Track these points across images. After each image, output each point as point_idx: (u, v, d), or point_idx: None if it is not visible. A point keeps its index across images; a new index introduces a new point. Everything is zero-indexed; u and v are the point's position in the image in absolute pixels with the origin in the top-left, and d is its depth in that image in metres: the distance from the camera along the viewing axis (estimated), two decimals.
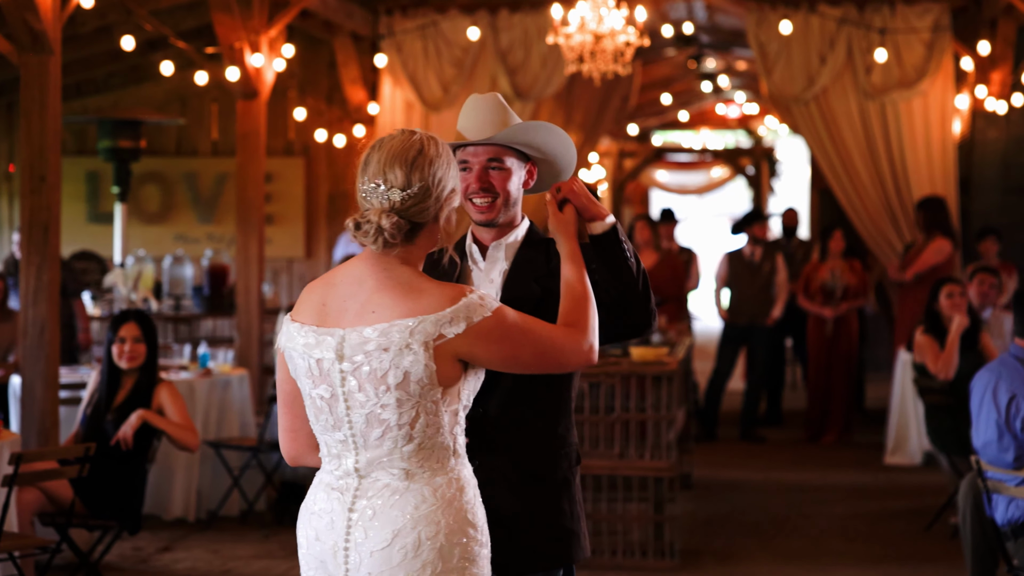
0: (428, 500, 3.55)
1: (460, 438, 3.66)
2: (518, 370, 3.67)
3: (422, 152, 3.59)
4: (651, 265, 13.08)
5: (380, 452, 3.57)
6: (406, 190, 3.56)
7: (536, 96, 13.54)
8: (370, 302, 3.57)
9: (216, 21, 11.36)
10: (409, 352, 3.51)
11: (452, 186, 3.64)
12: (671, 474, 8.62)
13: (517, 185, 4.23)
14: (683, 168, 25.25)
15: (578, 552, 4.24)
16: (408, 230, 3.58)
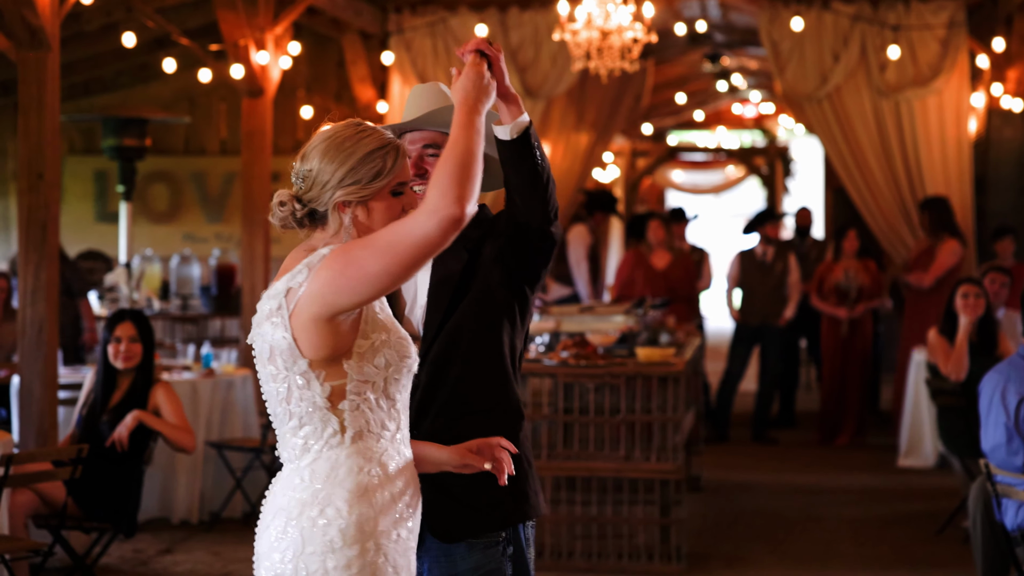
0: (304, 482, 3.46)
1: (355, 416, 3.48)
2: (379, 287, 3.36)
3: (328, 139, 3.55)
4: (665, 265, 12.95)
5: (281, 431, 3.54)
6: (298, 177, 3.55)
7: (546, 94, 13.41)
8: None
9: (221, 18, 11.26)
10: (271, 323, 3.45)
11: (349, 180, 3.51)
12: (678, 477, 8.48)
13: None
14: (698, 168, 25.11)
15: (526, 511, 4.12)
16: (306, 215, 3.55)
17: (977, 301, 9.36)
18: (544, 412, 8.56)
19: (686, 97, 20.06)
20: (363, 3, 13.31)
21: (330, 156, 3.51)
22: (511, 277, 4.09)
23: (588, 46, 10.19)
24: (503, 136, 3.88)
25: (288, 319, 3.41)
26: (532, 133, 3.89)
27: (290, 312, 3.41)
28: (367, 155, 3.51)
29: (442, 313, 4.09)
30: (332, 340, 3.42)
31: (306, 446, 3.47)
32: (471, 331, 4.08)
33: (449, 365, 4.08)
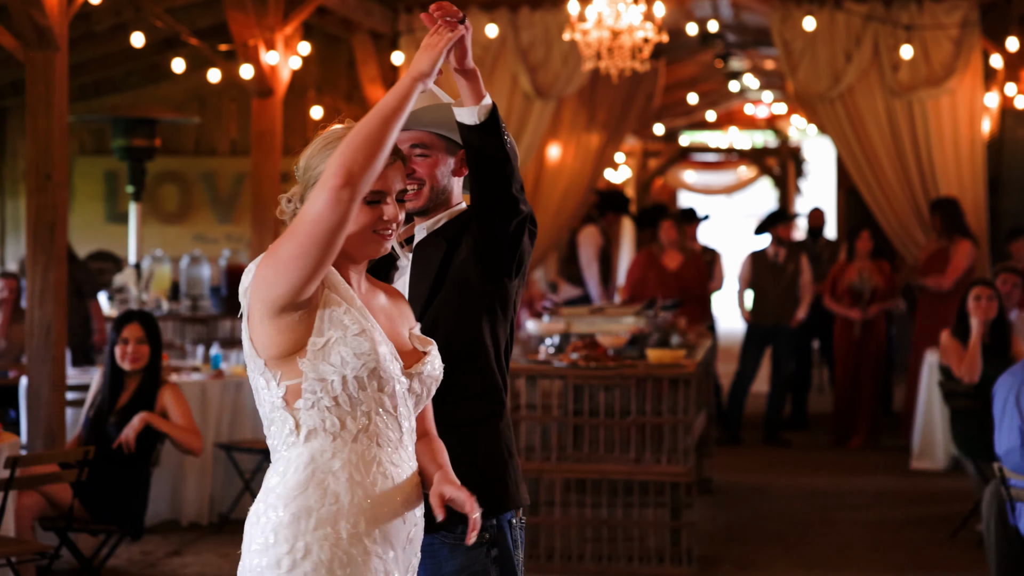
0: (270, 481, 3.44)
1: (309, 415, 3.41)
2: (297, 272, 3.27)
3: (323, 136, 3.53)
4: (676, 265, 12.88)
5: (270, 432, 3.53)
6: (297, 172, 3.53)
7: (557, 94, 13.34)
8: None
9: (230, 18, 11.23)
10: (242, 328, 3.45)
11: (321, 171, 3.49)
12: (689, 479, 8.41)
13: (446, 172, 4.13)
14: (710, 168, 25.04)
15: (505, 501, 4.03)
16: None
17: (990, 303, 9.28)
18: (554, 414, 8.51)
19: (698, 97, 19.98)
20: (373, 3, 13.27)
21: (320, 154, 3.48)
22: (487, 265, 4.04)
23: (599, 46, 10.12)
24: (469, 120, 3.82)
25: (246, 321, 3.40)
26: (498, 115, 3.85)
27: (247, 314, 3.40)
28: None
29: (421, 305, 4.05)
30: (283, 337, 3.37)
31: (274, 447, 3.46)
32: (448, 322, 4.03)
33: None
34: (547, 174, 15.08)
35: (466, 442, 4.01)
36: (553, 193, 15.05)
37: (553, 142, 15.09)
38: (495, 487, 4.02)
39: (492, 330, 4.10)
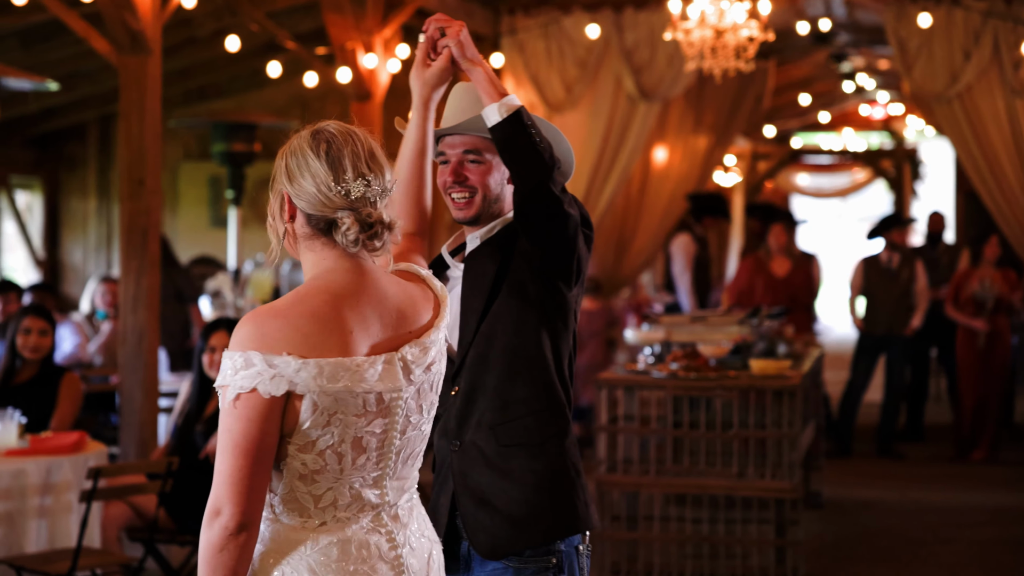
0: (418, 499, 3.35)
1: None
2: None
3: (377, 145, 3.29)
4: (785, 272, 12.54)
5: (410, 472, 3.23)
6: (389, 189, 3.17)
7: (663, 96, 13.05)
8: (406, 319, 3.17)
9: (328, 22, 11.09)
10: (441, 355, 3.25)
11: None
12: (794, 495, 8.09)
13: (499, 180, 3.94)
14: (823, 171, 24.60)
15: (575, 523, 3.84)
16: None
17: None
18: (653, 426, 8.24)
19: (811, 98, 19.60)
20: (475, 5, 13.07)
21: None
22: (543, 273, 3.85)
23: (701, 45, 9.83)
24: (492, 117, 3.68)
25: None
26: (522, 112, 3.68)
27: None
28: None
29: (477, 316, 3.85)
30: None
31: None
32: (506, 333, 3.84)
33: (487, 369, 3.85)
34: (653, 177, 14.88)
35: (532, 461, 3.82)
36: (659, 196, 14.85)
37: (659, 144, 14.86)
38: (564, 509, 3.83)
39: (553, 342, 3.89)
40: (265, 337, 2.95)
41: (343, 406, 3.00)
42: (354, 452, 3.05)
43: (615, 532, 8.26)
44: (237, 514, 2.95)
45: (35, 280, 14.54)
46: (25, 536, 6.52)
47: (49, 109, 14.55)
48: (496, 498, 3.78)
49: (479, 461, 3.81)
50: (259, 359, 2.93)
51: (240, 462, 2.95)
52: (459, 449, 3.79)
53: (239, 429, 2.95)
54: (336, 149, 3.10)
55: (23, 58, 11.88)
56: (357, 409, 3.02)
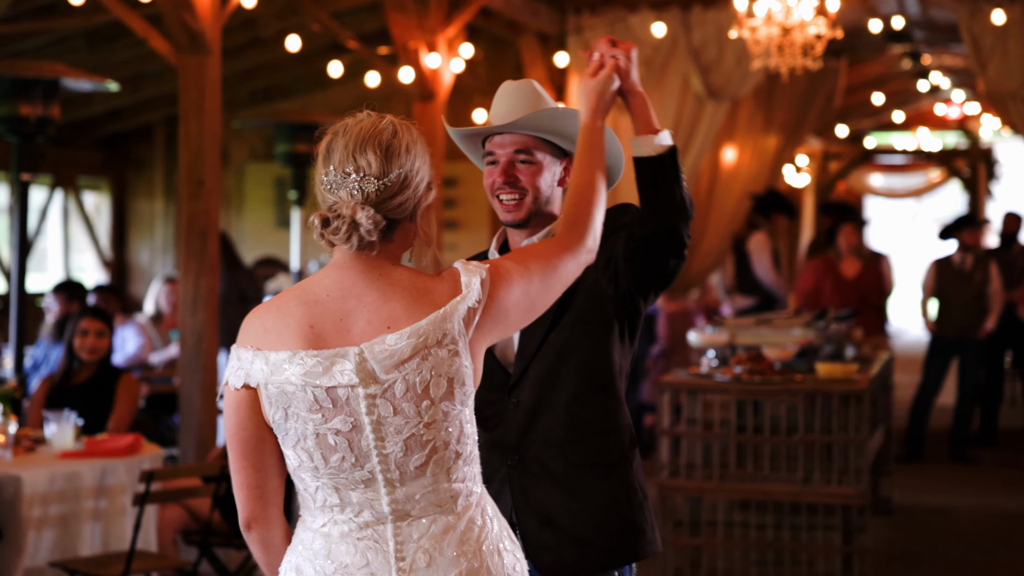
0: (477, 523, 3.05)
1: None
2: (535, 313, 3.16)
3: (397, 136, 3.04)
4: (855, 273, 12.33)
5: (421, 483, 3.00)
6: (382, 179, 3.00)
7: (731, 95, 12.89)
8: (380, 315, 2.99)
9: (391, 21, 11.03)
10: (448, 352, 2.98)
11: (429, 179, 3.10)
12: (861, 502, 7.91)
13: (550, 182, 3.78)
14: (897, 171, 24.31)
15: (642, 547, 3.72)
16: (385, 227, 3.02)
17: None
18: (716, 431, 8.10)
19: (884, 98, 19.33)
20: (540, 3, 12.97)
21: (420, 152, 3.07)
22: (633, 291, 3.72)
23: (768, 43, 9.66)
24: (646, 150, 3.56)
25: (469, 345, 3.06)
26: (677, 153, 3.58)
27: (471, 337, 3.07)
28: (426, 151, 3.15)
29: (544, 327, 3.69)
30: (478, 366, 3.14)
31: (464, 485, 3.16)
32: (579, 346, 3.72)
33: (556, 385, 3.71)
34: (722, 177, 14.75)
35: (602, 483, 3.70)
36: (728, 197, 14.72)
37: (728, 144, 14.71)
38: (632, 532, 3.72)
39: (620, 357, 3.78)
40: (242, 331, 3.06)
41: (292, 400, 2.97)
42: (322, 450, 2.98)
43: (678, 538, 8.13)
44: (241, 510, 3.08)
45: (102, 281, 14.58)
46: (79, 539, 6.50)
47: (116, 110, 14.59)
48: (562, 518, 3.67)
49: (544, 479, 3.69)
50: (233, 352, 3.05)
51: (232, 457, 3.06)
52: (518, 464, 3.66)
53: (226, 423, 3.07)
54: (335, 141, 3.07)
55: (88, 59, 11.91)
56: (307, 404, 2.96)
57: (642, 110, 3.57)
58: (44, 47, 11.76)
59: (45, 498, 6.36)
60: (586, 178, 3.28)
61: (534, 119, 3.68)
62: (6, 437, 6.57)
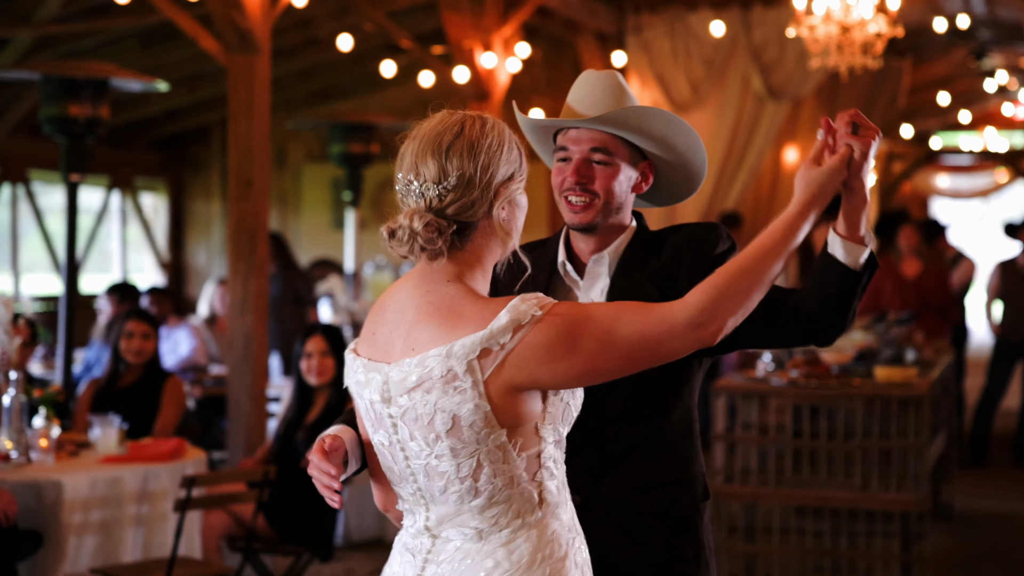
0: (503, 566, 2.87)
1: (550, 483, 2.92)
2: (600, 380, 2.86)
3: (461, 134, 2.87)
4: (916, 273, 12.12)
5: (448, 508, 2.92)
6: (441, 183, 2.86)
7: (792, 95, 12.72)
8: (411, 336, 2.89)
9: (446, 20, 10.94)
10: (453, 389, 2.82)
11: (508, 172, 2.90)
12: (921, 508, 7.73)
13: (626, 187, 3.45)
14: (963, 172, 24.00)
15: None
16: (455, 232, 2.87)
17: None
18: (772, 435, 7.94)
19: (950, 97, 19.07)
20: (599, 3, 12.84)
21: (483, 151, 2.88)
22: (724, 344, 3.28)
23: (827, 42, 9.48)
24: (847, 260, 3.14)
25: (484, 386, 2.82)
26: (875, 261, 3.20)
27: (486, 378, 2.82)
28: (513, 144, 2.94)
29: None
30: (535, 408, 2.88)
31: (497, 523, 2.91)
32: (656, 388, 3.37)
33: (631, 427, 3.40)
34: (784, 177, 14.63)
35: (669, 534, 3.43)
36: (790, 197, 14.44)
37: (790, 144, 14.54)
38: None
39: (694, 399, 3.49)
40: None
41: (356, 402, 3.04)
42: (381, 457, 3.01)
43: (733, 544, 7.98)
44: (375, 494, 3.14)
45: (158, 282, 14.60)
46: (121, 545, 6.41)
47: (173, 111, 14.60)
48: (622, 563, 3.40)
49: (607, 525, 3.39)
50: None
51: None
52: (583, 504, 3.27)
53: None
54: (406, 146, 2.94)
55: (142, 59, 11.90)
56: (363, 410, 2.99)
57: (855, 213, 3.11)
58: (98, 47, 11.75)
59: (86, 503, 6.29)
60: (754, 265, 2.85)
61: (620, 115, 3.37)
62: (49, 441, 6.50)
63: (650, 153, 3.47)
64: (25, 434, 6.45)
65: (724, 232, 3.43)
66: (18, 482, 6.21)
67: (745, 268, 2.84)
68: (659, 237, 3.50)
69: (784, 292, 3.31)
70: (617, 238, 3.47)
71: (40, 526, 6.20)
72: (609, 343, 2.79)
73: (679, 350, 2.82)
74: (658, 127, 3.38)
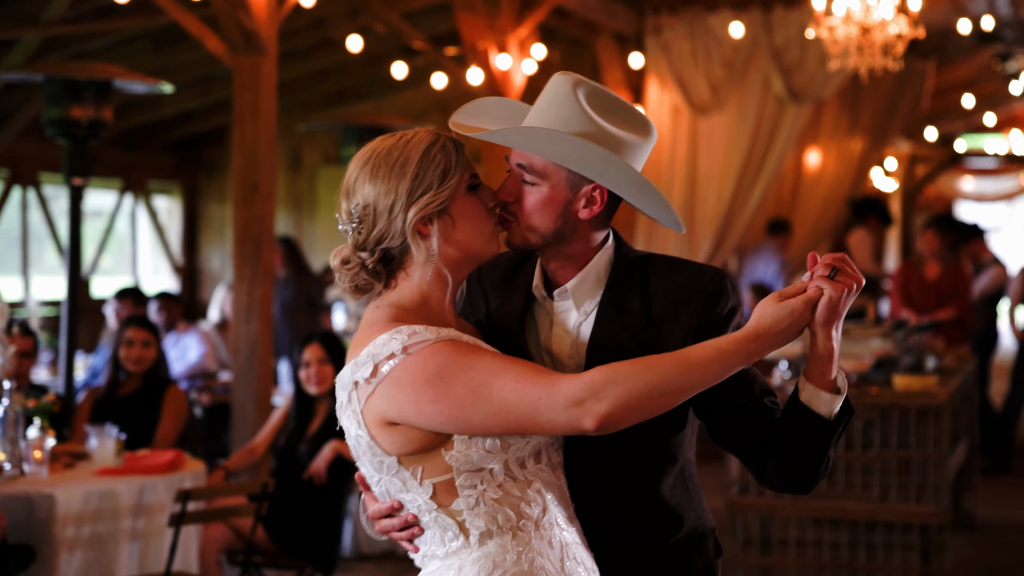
0: None
1: (474, 512, 2.78)
2: (468, 433, 2.73)
3: (366, 164, 2.87)
4: (935, 276, 11.92)
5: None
6: (351, 220, 2.86)
7: (813, 97, 12.50)
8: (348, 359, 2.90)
9: (460, 21, 10.77)
10: (348, 415, 2.82)
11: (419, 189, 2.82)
12: (941, 520, 7.54)
13: (558, 213, 2.97)
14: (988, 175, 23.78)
15: None
16: (382, 260, 2.85)
17: None
18: None
19: (974, 100, 18.84)
20: (618, 4, 12.65)
21: (382, 174, 2.83)
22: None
23: (847, 43, 9.28)
24: (822, 410, 2.90)
25: (361, 413, 2.78)
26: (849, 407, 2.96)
27: (361, 408, 2.78)
28: (424, 155, 2.84)
29: None
30: (412, 435, 2.77)
31: (429, 553, 2.86)
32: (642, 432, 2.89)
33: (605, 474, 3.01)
34: (806, 180, 14.50)
35: None
36: (812, 200, 14.47)
37: (812, 147, 14.37)
38: None
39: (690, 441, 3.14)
40: None
41: None
42: None
43: (748, 557, 7.82)
44: None
45: (169, 287, 14.47)
46: (116, 560, 6.23)
47: (186, 113, 14.46)
48: None
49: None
50: None
51: None
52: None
53: None
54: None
55: (153, 61, 11.76)
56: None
57: (821, 362, 2.89)
58: (108, 49, 11.61)
59: (79, 517, 6.11)
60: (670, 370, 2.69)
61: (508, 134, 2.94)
62: (43, 453, 6.32)
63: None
64: (19, 446, 6.28)
65: (731, 284, 3.03)
66: (10, 495, 6.03)
67: (657, 369, 2.69)
68: (644, 269, 3.05)
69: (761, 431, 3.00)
70: (581, 269, 3.05)
71: (32, 540, 6.03)
72: (484, 396, 2.67)
73: (555, 425, 2.67)
74: (555, 151, 2.93)
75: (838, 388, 2.91)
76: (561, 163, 2.93)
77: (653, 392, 2.67)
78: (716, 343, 2.73)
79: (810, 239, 14.25)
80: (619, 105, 3.02)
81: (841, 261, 2.79)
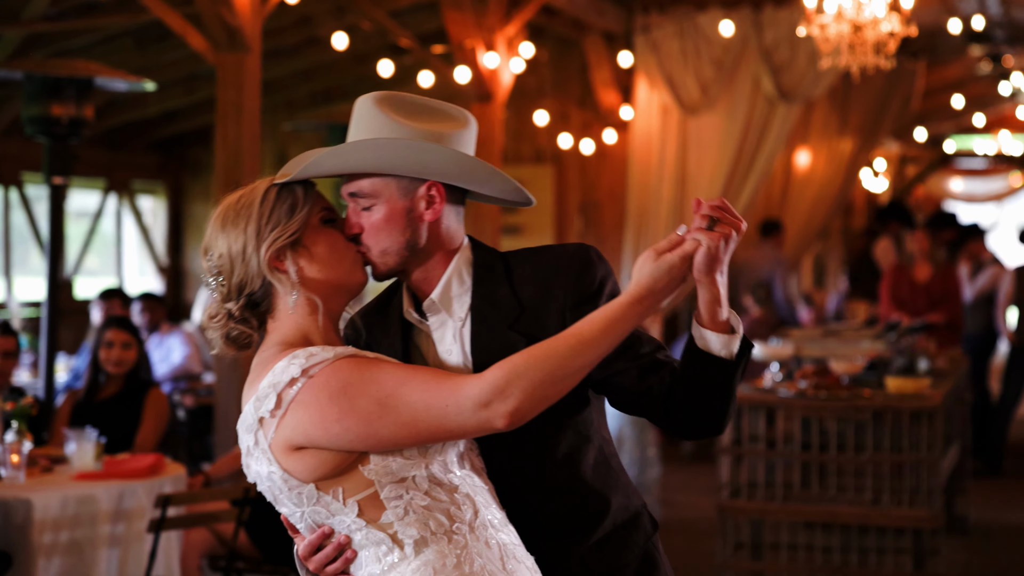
0: None
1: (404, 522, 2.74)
2: (379, 448, 2.70)
3: (218, 216, 2.90)
4: (926, 277, 11.84)
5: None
6: (212, 274, 2.88)
7: (803, 96, 12.41)
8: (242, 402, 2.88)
9: (447, 19, 10.66)
10: (253, 456, 2.79)
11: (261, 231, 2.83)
12: (934, 524, 7.45)
13: (403, 225, 2.92)
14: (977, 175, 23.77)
15: None
16: (246, 309, 2.87)
17: None
18: (780, 448, 7.65)
19: (964, 100, 18.79)
20: (607, 3, 12.56)
21: (231, 222, 2.85)
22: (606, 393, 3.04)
23: (838, 41, 9.18)
24: (720, 350, 2.85)
25: (269, 449, 2.75)
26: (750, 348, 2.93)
27: (270, 444, 2.74)
28: (265, 197, 2.85)
29: None
30: (323, 457, 2.74)
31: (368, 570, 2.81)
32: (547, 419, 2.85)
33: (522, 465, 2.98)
34: (796, 181, 14.45)
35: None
36: (802, 200, 14.43)
37: (802, 147, 14.30)
38: None
39: (603, 422, 3.09)
40: None
41: None
42: None
43: (739, 562, 7.73)
44: None
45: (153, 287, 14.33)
46: (94, 567, 6.09)
47: (170, 112, 14.33)
48: None
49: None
50: None
51: None
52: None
53: None
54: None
55: (137, 59, 11.62)
56: None
57: (709, 305, 2.84)
58: (91, 47, 11.48)
59: (57, 523, 5.98)
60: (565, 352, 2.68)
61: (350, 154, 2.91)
62: (20, 457, 6.19)
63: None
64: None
65: (595, 255, 2.99)
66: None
67: (553, 354, 2.68)
68: (506, 261, 3.03)
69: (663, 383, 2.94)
70: (443, 275, 2.99)
71: (9, 547, 5.90)
72: (390, 408, 2.67)
73: (466, 429, 2.68)
74: (368, 159, 2.90)
75: (732, 328, 2.87)
76: (380, 170, 2.91)
77: (555, 377, 2.67)
78: (603, 313, 2.72)
79: (800, 240, 14.19)
80: (428, 106, 2.99)
81: (720, 209, 2.76)
